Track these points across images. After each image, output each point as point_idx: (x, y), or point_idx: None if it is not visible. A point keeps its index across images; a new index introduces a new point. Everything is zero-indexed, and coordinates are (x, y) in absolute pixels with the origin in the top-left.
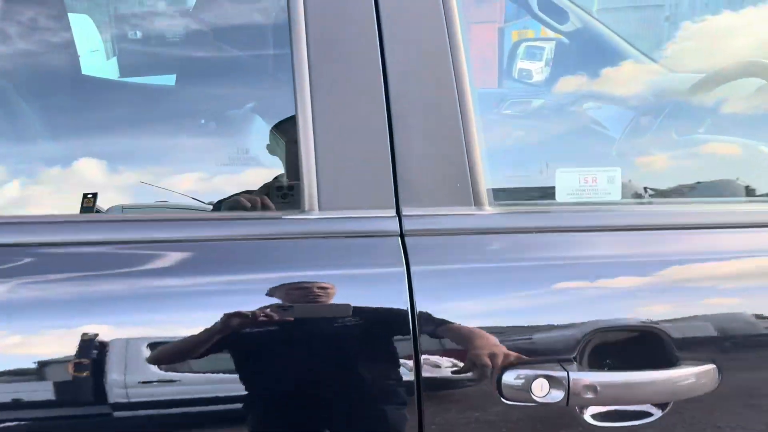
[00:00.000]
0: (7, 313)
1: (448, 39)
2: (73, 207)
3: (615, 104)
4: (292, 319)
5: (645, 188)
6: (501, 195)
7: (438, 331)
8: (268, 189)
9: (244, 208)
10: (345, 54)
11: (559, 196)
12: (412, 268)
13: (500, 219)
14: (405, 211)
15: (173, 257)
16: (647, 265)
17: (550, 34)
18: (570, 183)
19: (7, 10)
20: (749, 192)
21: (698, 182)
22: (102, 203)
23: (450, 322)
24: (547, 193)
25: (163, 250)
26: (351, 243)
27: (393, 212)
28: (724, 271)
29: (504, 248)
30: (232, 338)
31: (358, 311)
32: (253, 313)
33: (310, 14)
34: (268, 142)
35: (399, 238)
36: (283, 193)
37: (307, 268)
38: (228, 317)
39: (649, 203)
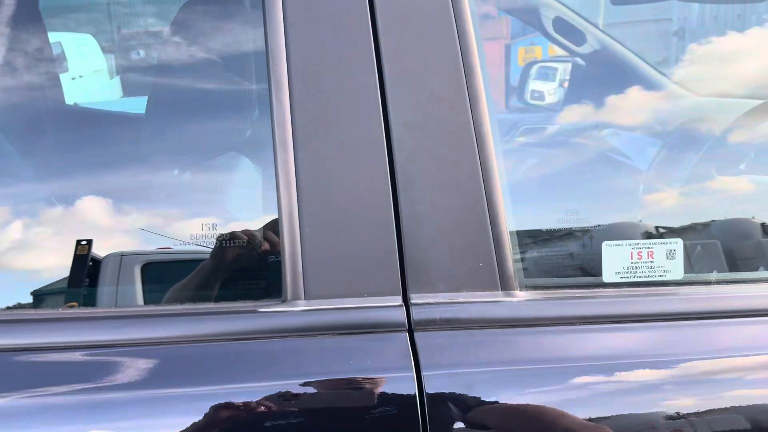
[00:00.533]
0: None
1: (465, 80)
2: (67, 254)
3: (639, 131)
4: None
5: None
6: (532, 273)
7: None
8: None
9: (241, 243)
10: (335, 96)
11: (607, 276)
12: (424, 373)
13: (534, 307)
14: (414, 299)
15: (118, 365)
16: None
17: (559, 51)
18: (619, 259)
19: None
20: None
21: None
22: (98, 250)
23: None
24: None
25: (108, 356)
26: (345, 341)
27: (399, 300)
28: None
29: (541, 345)
30: None
31: (359, 424)
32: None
33: (291, 52)
34: None
35: (407, 333)
36: None
37: (287, 376)
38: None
39: (719, 283)
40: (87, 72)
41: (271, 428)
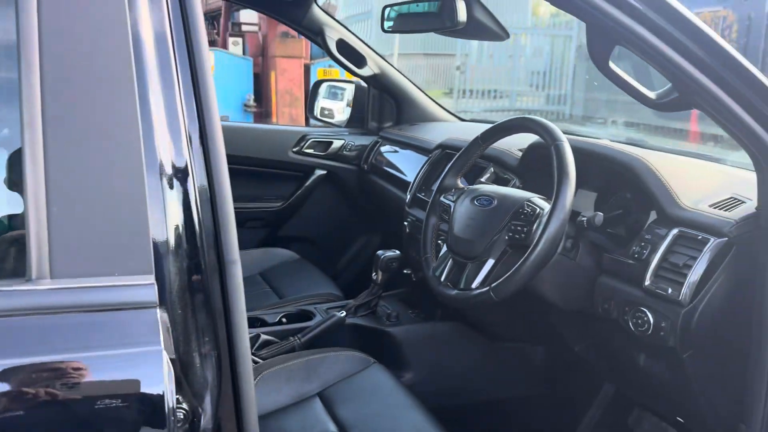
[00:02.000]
0: None
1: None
2: None
3: (410, 149)
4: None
5: None
6: None
7: None
8: None
9: None
10: (90, 78)
11: None
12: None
13: None
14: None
15: None
16: None
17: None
18: None
19: None
20: None
21: None
22: None
23: None
24: None
25: None
26: (94, 319)
27: (151, 278)
28: None
29: None
30: None
31: (104, 402)
32: None
33: (45, 40)
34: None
35: (157, 310)
36: None
37: (33, 353)
38: None
39: None
40: None
41: (18, 402)
